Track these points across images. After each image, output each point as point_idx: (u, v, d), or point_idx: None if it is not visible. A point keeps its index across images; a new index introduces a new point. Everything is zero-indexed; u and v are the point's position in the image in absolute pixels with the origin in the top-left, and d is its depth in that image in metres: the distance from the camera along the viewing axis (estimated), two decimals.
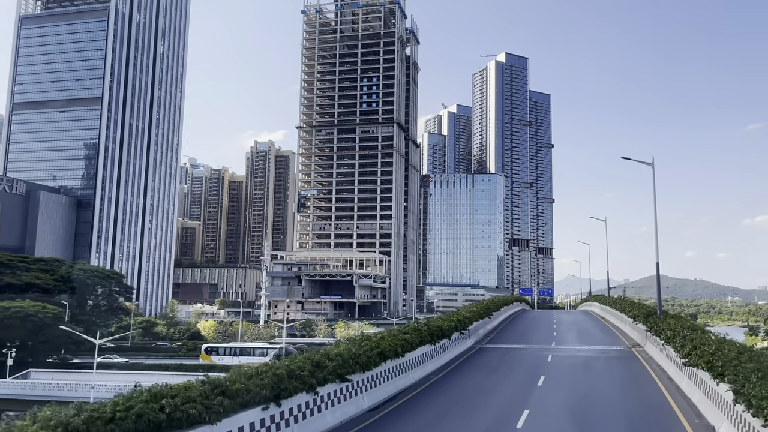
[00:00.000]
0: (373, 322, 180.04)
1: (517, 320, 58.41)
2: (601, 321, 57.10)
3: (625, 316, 41.97)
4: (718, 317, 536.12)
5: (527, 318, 62.24)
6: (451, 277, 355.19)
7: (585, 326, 52.63)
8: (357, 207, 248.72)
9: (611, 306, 53.24)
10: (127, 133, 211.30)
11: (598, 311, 65.34)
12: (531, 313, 72.59)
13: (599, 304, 65.64)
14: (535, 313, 72.92)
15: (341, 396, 18.24)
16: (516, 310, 66.26)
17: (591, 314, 67.42)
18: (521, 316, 64.17)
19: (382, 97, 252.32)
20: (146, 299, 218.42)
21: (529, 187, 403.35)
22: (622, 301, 49.18)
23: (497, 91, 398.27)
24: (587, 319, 61.02)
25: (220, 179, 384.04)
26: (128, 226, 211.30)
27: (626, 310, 42.37)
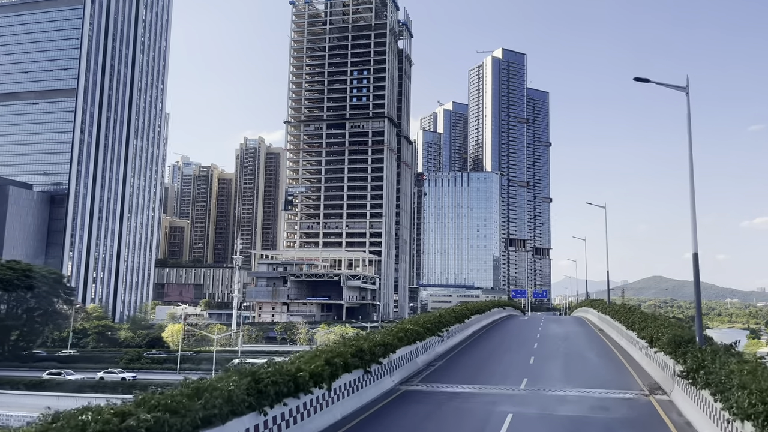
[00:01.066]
0: (357, 325, 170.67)
1: (490, 335, 46.64)
2: (599, 336, 46.51)
3: (634, 335, 30.89)
4: (717, 319, 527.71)
5: (504, 330, 51.21)
6: (445, 278, 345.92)
7: (577, 346, 40.90)
8: (346, 205, 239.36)
9: (613, 317, 42.15)
10: (104, 127, 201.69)
11: (596, 321, 55.59)
12: (513, 322, 61.73)
13: (597, 311, 55.24)
14: (518, 323, 61.53)
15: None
16: (493, 320, 56.52)
17: (587, 324, 58.01)
18: (498, 327, 53.78)
19: (372, 91, 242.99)
20: (125, 300, 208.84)
21: (526, 186, 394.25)
22: (630, 312, 36.65)
23: (493, 88, 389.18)
24: (581, 332, 50.33)
25: (208, 177, 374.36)
26: (105, 223, 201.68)
27: (637, 326, 29.99)
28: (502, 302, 67.82)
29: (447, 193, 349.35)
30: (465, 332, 41.97)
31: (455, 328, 37.92)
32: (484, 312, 53.31)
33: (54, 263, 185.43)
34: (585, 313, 67.98)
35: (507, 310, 67.87)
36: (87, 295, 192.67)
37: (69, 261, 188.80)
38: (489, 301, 60.88)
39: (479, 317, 48.36)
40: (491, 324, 53.33)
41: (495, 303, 62.04)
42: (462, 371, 29.31)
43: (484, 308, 52.42)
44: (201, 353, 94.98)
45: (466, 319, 41.85)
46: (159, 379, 61.88)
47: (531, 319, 70.31)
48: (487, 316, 52.90)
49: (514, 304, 78.21)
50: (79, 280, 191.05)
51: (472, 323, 44.49)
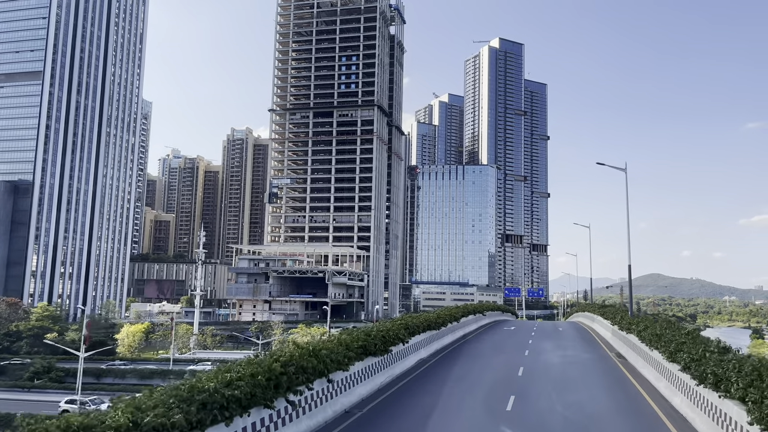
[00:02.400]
0: (339, 325, 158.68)
1: (446, 364, 30.53)
2: (615, 364, 30.98)
3: (689, 380, 17.93)
4: (717, 317, 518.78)
5: (471, 356, 34.17)
6: (439, 275, 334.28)
7: (584, 393, 24.65)
8: (334, 197, 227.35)
9: (645, 340, 26.58)
10: (74, 113, 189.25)
11: (608, 337, 40.96)
12: (492, 336, 45.83)
13: (608, 323, 40.87)
14: (499, 338, 45.39)
15: None
16: (464, 334, 43.24)
17: (597, 345, 41.48)
18: (467, 348, 37.58)
19: (362, 77, 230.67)
20: (97, 297, 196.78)
21: (523, 181, 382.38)
22: (674, 333, 22.70)
23: (490, 79, 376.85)
24: (593, 366, 32.07)
25: (194, 169, 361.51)
26: (75, 215, 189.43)
27: (698, 365, 16.86)
28: (485, 306, 55.57)
29: (441, 187, 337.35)
30: (417, 355, 29.73)
31: (402, 349, 26.04)
32: (463, 317, 41.59)
33: (17, 257, 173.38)
34: (589, 320, 55.75)
35: (491, 316, 56.00)
36: (54, 292, 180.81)
37: (34, 255, 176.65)
38: (466, 306, 48.50)
39: (446, 332, 36.44)
40: (459, 341, 40.07)
41: (474, 308, 49.55)
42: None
43: (461, 314, 40.59)
44: (138, 361, 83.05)
45: (425, 333, 30.02)
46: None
47: (518, 330, 53.58)
48: (460, 328, 40.73)
49: (501, 308, 65.95)
50: (45, 275, 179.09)
51: (428, 343, 32.32)
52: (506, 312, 67.93)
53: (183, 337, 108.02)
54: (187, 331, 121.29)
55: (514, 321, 66.00)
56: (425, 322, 30.46)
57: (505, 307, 71.94)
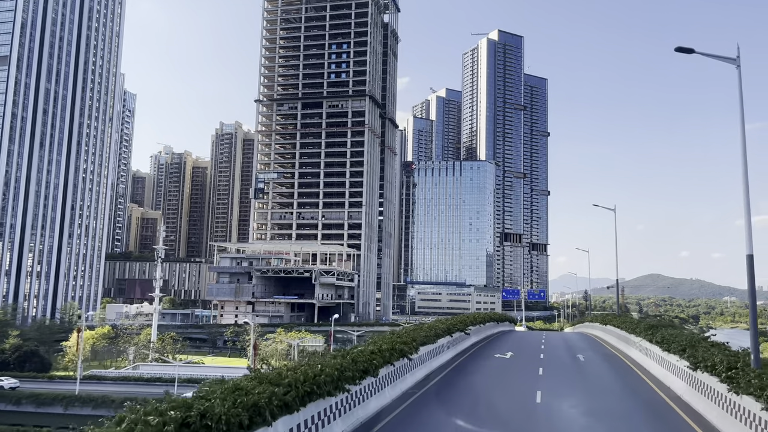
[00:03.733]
0: (318, 329, 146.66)
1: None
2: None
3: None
4: (720, 319, 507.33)
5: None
6: (435, 275, 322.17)
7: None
8: (323, 193, 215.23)
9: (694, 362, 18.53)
10: (43, 100, 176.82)
11: (656, 370, 27.65)
12: (467, 381, 27.57)
13: (654, 345, 27.83)
14: (479, 383, 27.86)
15: None
16: (429, 373, 27.16)
17: (651, 396, 24.66)
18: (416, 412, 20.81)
19: (353, 66, 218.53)
20: (68, 298, 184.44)
21: (522, 178, 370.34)
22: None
23: (489, 72, 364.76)
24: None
25: (181, 165, 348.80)
26: (43, 210, 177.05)
27: None
28: (476, 317, 42.91)
29: (438, 184, 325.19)
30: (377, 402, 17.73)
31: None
32: (439, 338, 29.29)
33: None
34: (593, 330, 44.74)
35: (481, 331, 43.48)
36: (20, 291, 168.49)
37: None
38: (453, 320, 36.11)
39: (413, 365, 23.87)
40: (431, 380, 26.18)
41: (461, 321, 36.91)
42: None
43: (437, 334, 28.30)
44: (41, 380, 70.18)
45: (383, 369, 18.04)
46: None
47: (516, 360, 36.03)
48: (423, 362, 26.70)
49: (496, 316, 53.49)
50: (11, 274, 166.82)
51: (394, 378, 20.16)
52: (503, 321, 55.78)
53: (143, 344, 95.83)
54: (143, 339, 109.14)
55: (511, 336, 53.11)
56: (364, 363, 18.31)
57: (501, 315, 59.87)
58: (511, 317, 71.24)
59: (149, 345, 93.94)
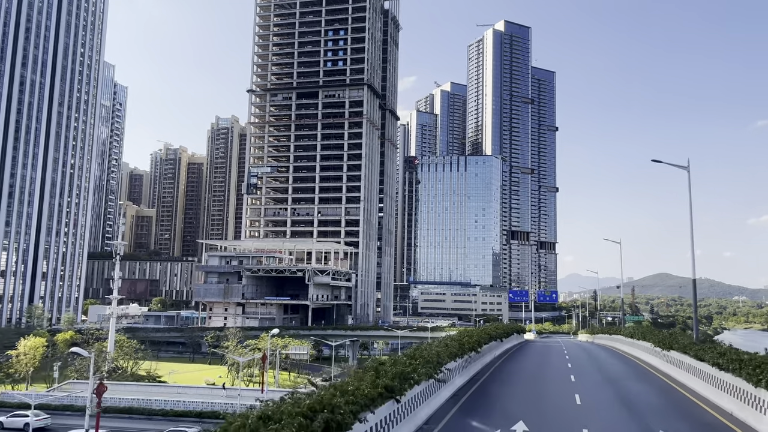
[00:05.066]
0: (309, 333, 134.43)
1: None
2: None
3: None
4: (732, 319, 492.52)
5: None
6: (439, 274, 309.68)
7: None
8: (319, 188, 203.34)
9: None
10: (18, 89, 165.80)
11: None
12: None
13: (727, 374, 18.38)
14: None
15: None
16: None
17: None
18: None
19: (350, 54, 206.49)
20: (46, 299, 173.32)
21: (530, 173, 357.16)
22: None
23: (495, 64, 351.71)
24: None
25: (176, 161, 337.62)
26: (18, 206, 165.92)
27: None
28: (472, 341, 30.26)
29: (442, 180, 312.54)
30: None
31: None
32: (415, 386, 17.27)
33: None
34: (615, 344, 31.53)
35: (479, 358, 30.84)
36: (5, 294, 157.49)
37: None
38: (452, 342, 23.39)
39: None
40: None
41: (438, 361, 23.63)
42: None
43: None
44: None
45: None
46: None
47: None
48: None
49: (501, 332, 40.43)
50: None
51: None
52: (508, 335, 43.49)
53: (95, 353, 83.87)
54: (124, 343, 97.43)
55: (521, 361, 38.48)
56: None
57: (506, 328, 47.41)
58: (519, 327, 59.10)
59: (105, 352, 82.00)
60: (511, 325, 53.64)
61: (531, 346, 48.94)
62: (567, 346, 54.79)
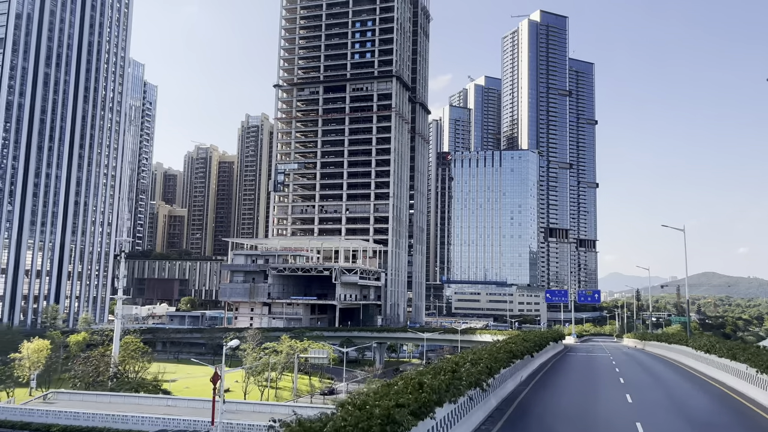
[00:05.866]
0: (334, 335, 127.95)
1: None
2: None
3: None
4: None
5: None
6: (473, 273, 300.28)
7: None
8: (347, 184, 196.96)
9: None
10: (42, 86, 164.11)
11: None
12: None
13: None
14: None
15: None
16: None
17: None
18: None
19: (378, 45, 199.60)
20: (72, 299, 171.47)
21: (568, 168, 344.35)
22: None
23: (530, 56, 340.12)
24: None
25: (207, 160, 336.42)
26: (44, 205, 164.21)
27: None
28: (495, 360, 21.59)
29: (475, 176, 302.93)
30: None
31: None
32: None
33: None
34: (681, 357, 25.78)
35: (508, 376, 22.98)
36: (18, 291, 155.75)
37: None
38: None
39: None
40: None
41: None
42: None
43: None
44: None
45: None
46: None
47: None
48: None
49: (538, 339, 32.88)
50: (8, 272, 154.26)
51: None
52: (543, 346, 35.50)
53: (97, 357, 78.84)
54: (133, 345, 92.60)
55: (559, 384, 28.15)
56: None
57: (541, 336, 39.46)
58: (556, 334, 50.82)
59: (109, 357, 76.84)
60: (546, 333, 45.48)
61: (570, 362, 40.36)
62: (617, 359, 46.19)
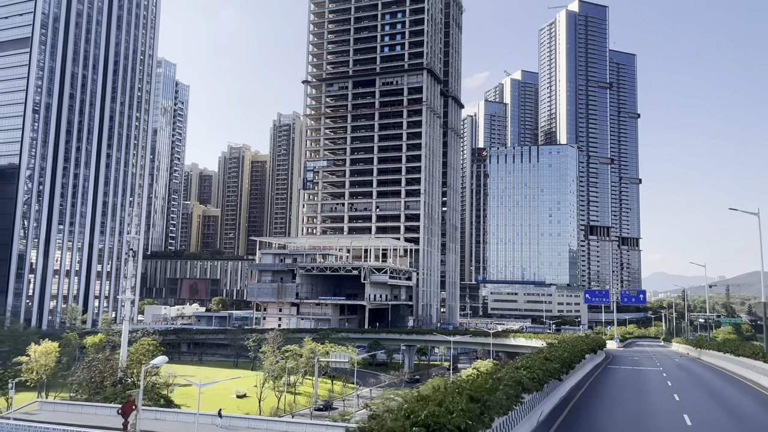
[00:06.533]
0: (360, 336, 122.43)
1: None
2: None
3: None
4: None
5: None
6: (510, 273, 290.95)
7: None
8: (377, 181, 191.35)
9: None
10: (69, 85, 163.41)
11: None
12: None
13: None
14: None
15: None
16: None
17: None
18: None
19: (409, 37, 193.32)
20: (101, 298, 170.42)
21: (609, 163, 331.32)
22: None
23: (569, 47, 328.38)
24: None
25: (240, 159, 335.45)
26: (72, 205, 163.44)
27: None
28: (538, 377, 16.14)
29: (512, 172, 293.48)
30: None
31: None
32: None
33: (1, 252, 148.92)
34: None
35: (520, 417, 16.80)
36: (46, 291, 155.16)
37: (21, 247, 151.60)
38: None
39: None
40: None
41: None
42: None
43: None
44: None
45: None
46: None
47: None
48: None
49: (565, 359, 25.81)
50: (36, 272, 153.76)
51: None
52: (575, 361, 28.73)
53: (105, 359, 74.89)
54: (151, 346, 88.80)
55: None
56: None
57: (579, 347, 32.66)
58: (596, 341, 43.76)
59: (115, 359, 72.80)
60: (582, 343, 38.34)
61: (611, 383, 32.10)
62: (672, 375, 37.47)
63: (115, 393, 59.09)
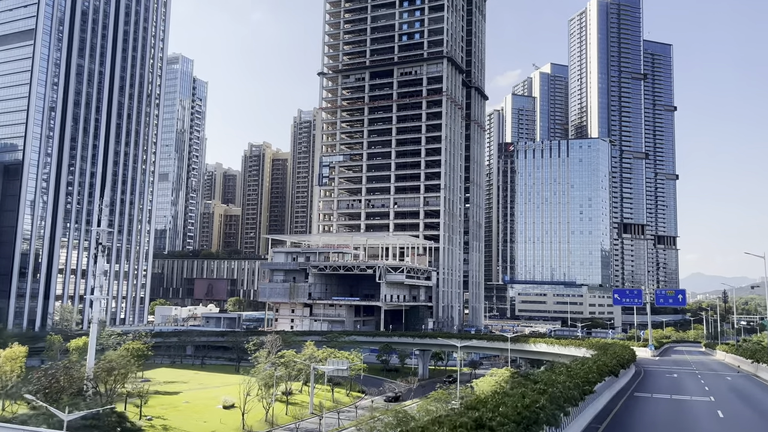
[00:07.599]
0: (372, 340, 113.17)
1: None
2: None
3: None
4: None
5: None
6: (539, 273, 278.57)
7: None
8: (395, 176, 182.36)
9: None
10: (75, 78, 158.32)
11: None
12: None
13: None
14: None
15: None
16: None
17: None
18: None
19: (428, 24, 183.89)
20: (110, 299, 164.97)
21: (644, 158, 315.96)
22: None
23: (600, 38, 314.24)
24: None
25: (260, 157, 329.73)
26: (77, 201, 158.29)
27: None
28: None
29: (540, 167, 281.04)
30: None
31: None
32: None
33: (5, 251, 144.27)
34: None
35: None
36: (51, 291, 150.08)
37: (25, 245, 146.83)
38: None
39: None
40: None
41: None
42: None
43: None
44: None
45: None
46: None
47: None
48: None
49: (582, 382, 16.56)
50: (40, 271, 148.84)
51: None
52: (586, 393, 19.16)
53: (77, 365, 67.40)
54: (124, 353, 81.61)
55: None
56: None
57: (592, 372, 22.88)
58: (622, 356, 33.87)
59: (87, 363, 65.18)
60: (600, 364, 28.52)
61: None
62: (734, 415, 26.46)
63: (73, 406, 51.43)
